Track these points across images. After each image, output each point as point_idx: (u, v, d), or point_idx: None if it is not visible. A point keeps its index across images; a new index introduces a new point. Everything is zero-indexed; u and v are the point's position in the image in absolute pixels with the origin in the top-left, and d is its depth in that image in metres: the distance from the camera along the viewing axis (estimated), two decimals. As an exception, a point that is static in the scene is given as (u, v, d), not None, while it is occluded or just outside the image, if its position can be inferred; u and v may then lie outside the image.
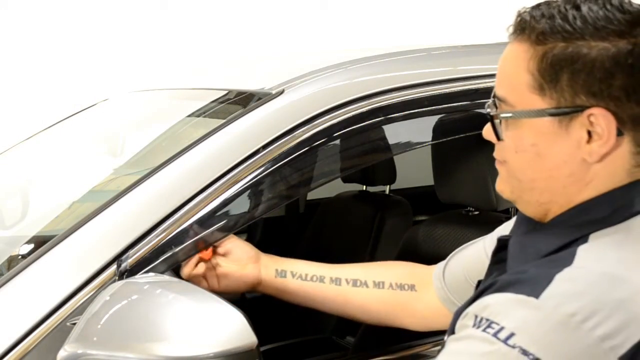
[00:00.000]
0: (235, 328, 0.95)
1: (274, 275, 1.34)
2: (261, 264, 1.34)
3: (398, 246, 2.06)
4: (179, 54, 3.26)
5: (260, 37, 3.39)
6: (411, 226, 2.24)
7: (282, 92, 1.36)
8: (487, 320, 0.84)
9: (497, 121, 0.96)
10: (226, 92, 1.61)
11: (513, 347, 0.81)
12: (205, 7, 3.34)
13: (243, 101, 1.45)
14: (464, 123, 1.49)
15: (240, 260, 1.32)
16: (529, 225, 1.00)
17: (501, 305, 0.84)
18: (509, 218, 1.76)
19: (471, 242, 1.32)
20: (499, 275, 0.93)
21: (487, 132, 0.99)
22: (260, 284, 1.34)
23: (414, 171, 2.59)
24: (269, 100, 1.34)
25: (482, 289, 0.91)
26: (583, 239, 0.90)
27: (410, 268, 1.40)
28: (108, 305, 0.99)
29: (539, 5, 0.94)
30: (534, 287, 0.84)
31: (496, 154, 1.00)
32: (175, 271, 1.23)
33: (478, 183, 1.63)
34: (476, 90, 1.47)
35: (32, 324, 1.09)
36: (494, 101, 0.97)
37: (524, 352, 0.80)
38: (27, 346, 1.08)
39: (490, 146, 1.00)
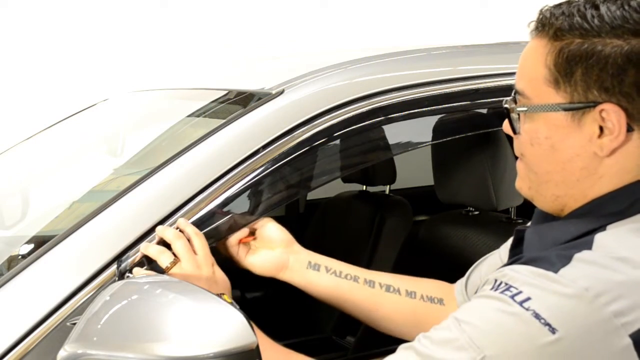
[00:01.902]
0: (235, 328, 0.95)
1: (306, 266, 1.31)
2: (292, 251, 1.32)
3: (398, 246, 2.06)
4: (179, 54, 3.27)
5: (260, 37, 3.39)
6: (411, 226, 2.24)
7: (282, 92, 1.36)
8: (506, 284, 0.89)
9: (514, 115, 0.99)
10: (226, 92, 1.61)
11: (527, 309, 0.85)
12: (205, 7, 3.34)
13: (243, 101, 1.45)
14: (464, 123, 1.49)
15: (271, 241, 1.30)
16: (546, 217, 1.03)
17: (520, 274, 0.89)
18: (509, 218, 1.78)
19: (488, 254, 1.32)
20: None
21: (506, 126, 1.02)
22: (286, 271, 1.31)
23: (414, 171, 2.59)
24: (269, 100, 1.34)
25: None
26: (601, 228, 0.93)
27: (439, 283, 1.38)
28: (108, 305, 0.99)
29: (560, 4, 0.97)
30: (553, 264, 0.88)
31: (515, 148, 1.04)
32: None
33: (478, 183, 1.63)
34: (476, 90, 1.47)
35: (32, 324, 1.09)
36: (514, 97, 1.00)
37: (537, 316, 0.84)
38: (27, 346, 1.08)
39: (489, 147, 1.01)
